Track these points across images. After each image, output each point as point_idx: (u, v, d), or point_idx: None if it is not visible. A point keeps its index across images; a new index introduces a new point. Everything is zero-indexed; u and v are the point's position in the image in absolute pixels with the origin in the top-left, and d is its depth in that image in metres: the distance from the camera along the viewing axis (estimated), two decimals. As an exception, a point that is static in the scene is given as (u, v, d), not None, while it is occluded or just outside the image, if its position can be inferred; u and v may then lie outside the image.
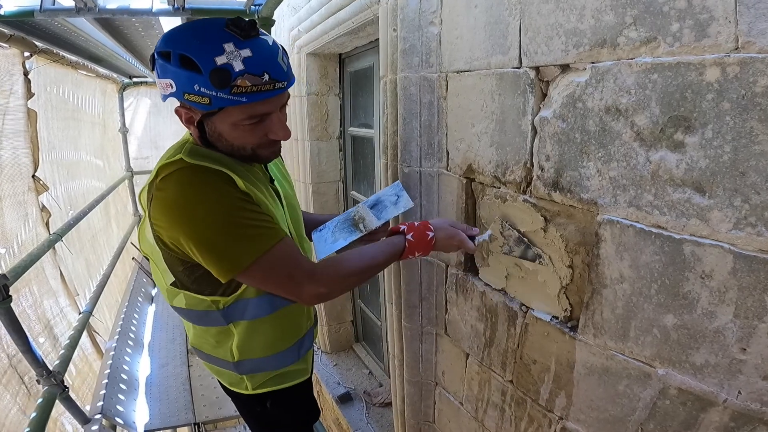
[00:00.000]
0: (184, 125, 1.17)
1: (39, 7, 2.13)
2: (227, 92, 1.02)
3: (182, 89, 1.04)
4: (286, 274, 1.13)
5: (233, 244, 1.08)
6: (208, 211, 1.07)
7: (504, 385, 1.58)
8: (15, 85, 3.01)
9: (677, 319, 0.97)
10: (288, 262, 1.14)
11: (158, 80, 1.10)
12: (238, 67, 1.01)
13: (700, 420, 0.97)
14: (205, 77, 1.01)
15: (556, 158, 1.20)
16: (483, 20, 1.38)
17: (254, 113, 1.10)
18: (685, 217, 0.92)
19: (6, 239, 2.82)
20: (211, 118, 1.11)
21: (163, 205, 1.09)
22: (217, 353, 1.38)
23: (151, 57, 1.11)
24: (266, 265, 1.11)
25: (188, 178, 1.09)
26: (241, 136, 1.13)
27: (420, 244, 1.32)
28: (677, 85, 0.89)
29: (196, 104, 1.06)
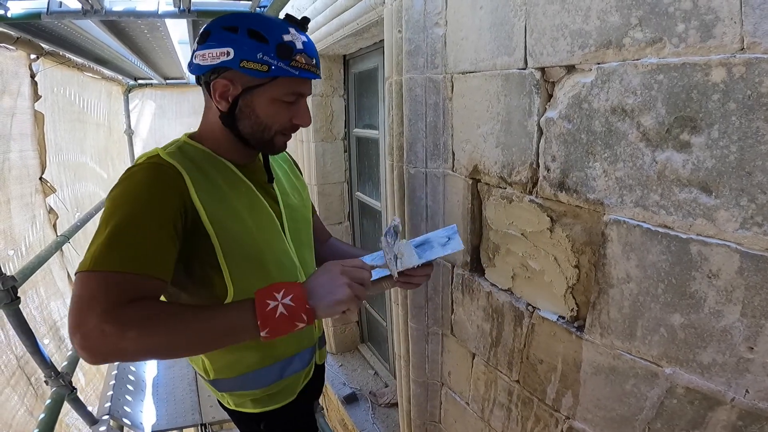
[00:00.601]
0: (215, 100, 1.15)
1: (46, 9, 2.14)
2: (287, 63, 1.10)
3: (242, 56, 1.09)
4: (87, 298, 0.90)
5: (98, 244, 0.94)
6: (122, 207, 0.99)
7: (510, 385, 1.58)
8: (22, 87, 3.03)
9: (684, 319, 0.97)
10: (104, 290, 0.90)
11: (207, 50, 1.12)
12: (299, 46, 1.12)
13: (708, 419, 0.97)
14: (271, 48, 1.09)
15: (562, 159, 1.20)
16: (488, 21, 1.39)
17: (297, 90, 1.17)
18: (691, 217, 0.92)
19: (14, 241, 2.84)
20: (253, 92, 1.14)
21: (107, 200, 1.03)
22: (197, 366, 1.36)
23: (204, 30, 1.15)
24: (85, 280, 0.92)
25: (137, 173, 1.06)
26: (274, 113, 1.17)
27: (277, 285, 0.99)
28: (683, 85, 0.90)
29: (251, 71, 1.10)
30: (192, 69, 1.19)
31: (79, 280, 0.93)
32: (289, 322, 0.95)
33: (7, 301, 1.98)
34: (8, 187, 2.82)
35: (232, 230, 1.15)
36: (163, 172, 1.07)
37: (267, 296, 0.96)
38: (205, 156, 1.20)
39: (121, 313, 0.88)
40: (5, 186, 2.79)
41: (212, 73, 1.14)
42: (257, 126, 1.18)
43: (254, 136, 1.20)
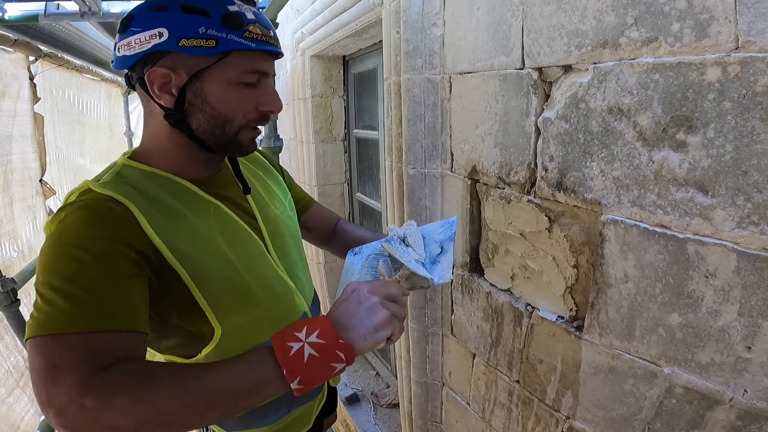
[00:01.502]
0: (154, 95, 0.94)
1: (43, 11, 2.15)
2: (239, 35, 0.92)
3: (179, 34, 0.89)
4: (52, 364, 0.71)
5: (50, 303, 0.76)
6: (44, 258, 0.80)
7: (511, 385, 1.58)
8: (22, 89, 3.04)
9: (682, 318, 0.97)
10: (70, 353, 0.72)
11: (132, 38, 0.92)
12: (249, 16, 0.94)
13: (707, 419, 0.97)
14: (215, 20, 0.90)
15: (560, 159, 1.20)
16: (486, 22, 1.39)
17: (257, 67, 0.96)
18: (688, 217, 0.92)
19: (18, 243, 2.85)
20: (203, 76, 0.93)
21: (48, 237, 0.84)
22: None
23: (126, 17, 0.95)
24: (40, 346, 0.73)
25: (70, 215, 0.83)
26: (235, 100, 0.96)
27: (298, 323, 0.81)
28: (679, 85, 0.90)
29: (194, 50, 0.90)
30: (117, 64, 0.97)
31: (37, 348, 0.73)
32: (324, 364, 0.76)
33: (6, 303, 1.99)
34: (11, 189, 2.83)
35: (204, 263, 0.93)
36: (101, 211, 0.84)
37: (286, 338, 0.78)
38: (153, 178, 0.97)
39: (102, 380, 0.70)
40: (8, 188, 2.80)
41: (145, 64, 0.93)
42: (215, 120, 0.96)
43: (213, 134, 0.97)
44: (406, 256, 1.06)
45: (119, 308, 0.78)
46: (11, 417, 2.37)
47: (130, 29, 0.92)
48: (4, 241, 2.65)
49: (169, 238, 0.89)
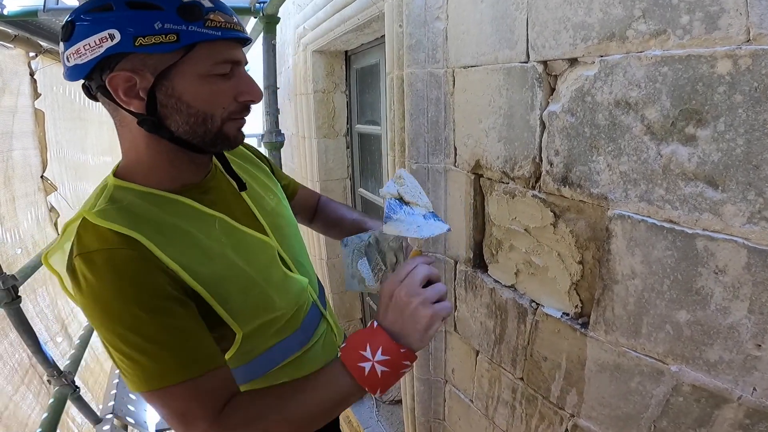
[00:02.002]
0: (121, 101, 0.89)
1: (42, 6, 2.14)
2: (200, 25, 0.85)
3: (133, 34, 0.82)
4: (180, 412, 0.85)
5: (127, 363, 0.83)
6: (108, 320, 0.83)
7: (514, 383, 1.57)
8: (22, 85, 3.04)
9: (690, 315, 0.95)
10: (189, 400, 0.85)
11: (78, 44, 0.84)
12: (207, 4, 0.87)
13: (714, 417, 0.96)
14: (170, 12, 0.83)
15: (565, 153, 1.18)
16: (489, 15, 1.37)
17: (227, 57, 0.91)
18: (697, 212, 0.90)
19: (21, 239, 2.84)
20: (171, 75, 0.87)
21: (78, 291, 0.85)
22: None
23: (66, 23, 0.87)
24: (150, 398, 0.85)
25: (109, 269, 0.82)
26: (210, 95, 0.90)
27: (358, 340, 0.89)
28: (688, 78, 0.88)
29: (154, 47, 0.83)
30: (69, 75, 0.90)
31: (155, 399, 0.84)
32: (395, 374, 0.87)
33: (7, 300, 1.99)
34: (13, 185, 2.83)
35: (222, 281, 0.94)
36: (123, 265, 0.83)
37: (355, 358, 0.86)
38: (149, 199, 0.94)
39: (227, 424, 0.84)
40: (10, 184, 2.80)
41: (102, 71, 0.86)
42: (193, 118, 0.91)
43: (195, 134, 0.92)
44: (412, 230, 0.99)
45: (202, 350, 0.87)
46: (19, 414, 2.37)
47: (74, 36, 0.85)
48: (6, 237, 2.64)
49: (184, 263, 0.89)
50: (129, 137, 0.95)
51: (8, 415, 2.26)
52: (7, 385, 2.31)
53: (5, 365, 2.32)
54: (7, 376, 2.32)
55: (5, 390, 2.29)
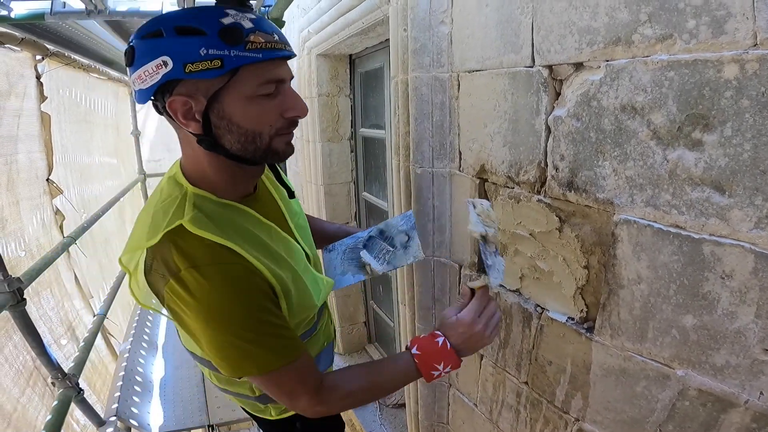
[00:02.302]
0: (181, 123, 0.97)
1: (49, 9, 2.15)
2: (241, 48, 0.89)
3: (183, 60, 0.88)
4: (287, 390, 1.07)
5: (237, 357, 1.00)
6: (227, 323, 0.96)
7: (519, 387, 1.57)
8: (28, 88, 3.05)
9: (697, 320, 0.95)
10: (294, 380, 1.06)
11: (141, 70, 0.92)
12: (247, 25, 0.91)
13: (721, 421, 0.96)
14: (212, 37, 0.88)
15: (571, 158, 1.19)
16: (494, 19, 1.37)
17: (271, 77, 0.95)
18: (704, 217, 0.90)
19: (25, 242, 2.85)
20: (221, 97, 0.93)
21: (180, 297, 0.95)
22: (236, 389, 1.33)
23: (127, 50, 0.95)
24: (266, 381, 1.06)
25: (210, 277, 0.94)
26: (257, 114, 0.97)
27: (430, 353, 1.16)
28: (694, 82, 0.88)
29: (203, 74, 0.89)
30: (138, 98, 0.98)
31: (268, 381, 1.06)
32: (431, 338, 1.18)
33: (13, 303, 1.99)
34: (17, 188, 2.84)
35: (286, 280, 1.07)
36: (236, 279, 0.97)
37: (430, 368, 1.16)
38: (226, 209, 1.05)
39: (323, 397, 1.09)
40: (14, 187, 2.81)
41: (163, 94, 0.94)
42: (244, 137, 0.98)
43: (247, 151, 1.00)
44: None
45: (295, 338, 1.07)
46: (27, 416, 2.38)
47: (136, 61, 0.92)
48: (10, 240, 2.65)
49: (265, 265, 1.01)
50: (192, 153, 1.04)
51: (17, 417, 2.27)
52: (13, 387, 2.32)
53: (11, 367, 2.33)
54: (12, 378, 2.33)
55: (12, 392, 2.30)
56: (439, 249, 1.82)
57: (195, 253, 0.94)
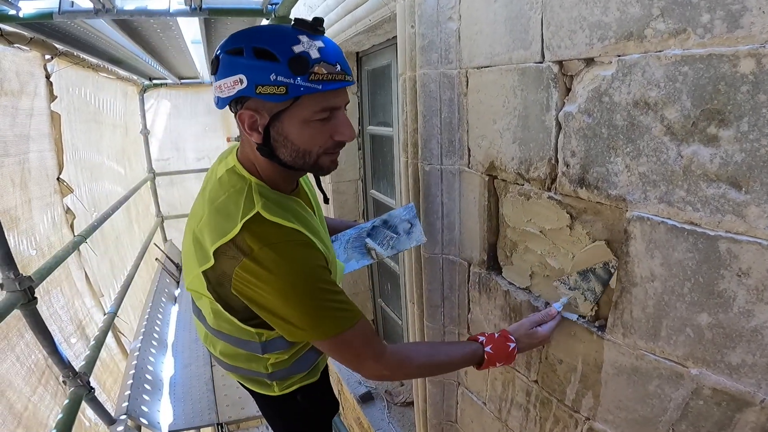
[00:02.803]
0: (245, 132, 1.12)
1: (58, 8, 2.15)
2: (305, 79, 1.01)
3: (255, 81, 1.02)
4: (354, 353, 1.20)
5: (311, 322, 1.12)
6: (300, 292, 1.09)
7: (528, 385, 1.56)
8: (38, 87, 3.06)
9: (712, 318, 0.94)
10: (359, 343, 1.19)
11: (222, 81, 1.07)
12: (314, 55, 1.02)
13: (736, 420, 0.95)
14: (283, 65, 1.00)
15: (582, 154, 1.17)
16: (503, 15, 1.36)
17: (327, 105, 1.08)
18: (720, 213, 0.89)
19: (36, 241, 2.86)
20: (281, 117, 1.07)
21: (258, 278, 1.07)
22: (250, 367, 1.41)
23: (213, 59, 1.11)
24: (336, 344, 1.17)
25: (290, 252, 1.09)
26: (310, 136, 1.10)
27: (500, 355, 1.30)
28: (709, 77, 0.87)
29: (270, 96, 1.03)
30: (217, 104, 1.14)
31: (337, 344, 1.17)
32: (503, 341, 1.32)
33: (24, 302, 1.99)
34: (29, 187, 2.85)
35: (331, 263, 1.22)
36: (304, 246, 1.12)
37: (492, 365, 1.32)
38: (283, 198, 1.20)
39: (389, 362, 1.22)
40: (26, 186, 2.82)
41: (236, 104, 1.09)
42: (296, 153, 1.13)
43: (297, 163, 1.15)
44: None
45: (353, 304, 1.18)
46: (39, 415, 2.39)
47: (219, 71, 1.07)
48: (21, 239, 2.66)
49: (319, 241, 1.16)
50: (252, 155, 1.18)
51: (28, 416, 2.27)
52: (25, 386, 2.32)
53: (22, 366, 2.34)
54: (24, 377, 2.34)
55: (23, 391, 2.31)
56: (448, 246, 1.81)
57: (268, 234, 1.08)
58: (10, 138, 2.64)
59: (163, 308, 4.55)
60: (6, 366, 2.21)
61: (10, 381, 2.21)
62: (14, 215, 2.57)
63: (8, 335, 2.27)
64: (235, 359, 1.41)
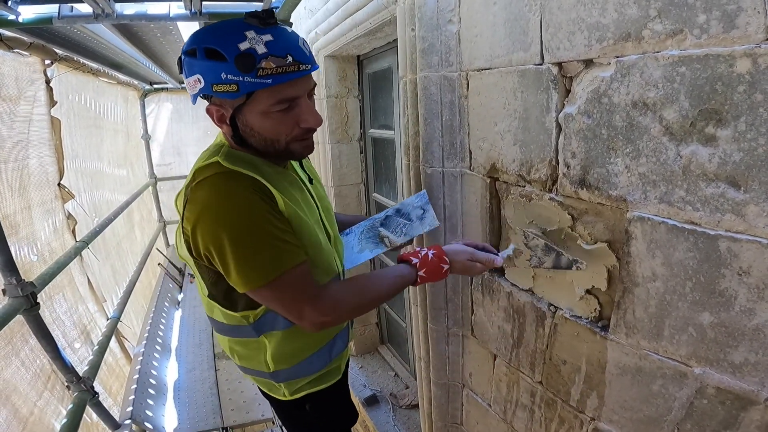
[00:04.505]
0: (217, 124, 1.17)
1: (57, 14, 2.16)
2: (253, 75, 1.03)
3: (210, 81, 1.06)
4: (292, 298, 1.15)
5: (253, 258, 1.09)
6: (237, 218, 1.07)
7: (533, 386, 1.56)
8: (38, 93, 3.06)
9: (714, 317, 0.94)
10: (298, 287, 1.14)
11: (187, 81, 1.12)
12: (261, 50, 1.03)
13: (740, 419, 0.95)
14: (230, 64, 1.03)
15: (582, 155, 1.18)
16: (502, 17, 1.37)
17: (282, 97, 1.10)
18: (719, 213, 0.89)
19: (38, 247, 2.87)
20: (242, 110, 1.11)
21: (194, 206, 1.10)
22: (252, 365, 1.40)
23: (178, 60, 1.14)
24: (278, 287, 1.12)
25: (222, 183, 1.10)
26: (273, 126, 1.13)
27: (433, 276, 1.31)
28: (706, 77, 0.87)
29: (224, 94, 1.07)
30: (192, 100, 1.18)
31: (271, 289, 1.12)
32: (438, 263, 1.30)
33: (26, 307, 2.00)
34: (29, 193, 2.85)
35: (298, 218, 1.19)
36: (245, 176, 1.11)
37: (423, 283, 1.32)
38: (255, 160, 1.20)
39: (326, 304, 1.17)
40: (26, 192, 2.82)
41: (204, 99, 1.15)
42: (264, 142, 1.17)
43: (268, 150, 1.19)
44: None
45: (296, 248, 1.14)
46: (44, 420, 2.39)
47: (184, 73, 1.12)
48: (22, 245, 2.67)
49: (283, 200, 1.14)
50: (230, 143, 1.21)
51: (34, 420, 2.28)
52: (30, 390, 2.33)
53: (27, 371, 2.35)
54: (29, 382, 2.34)
55: (29, 396, 2.31)
56: (450, 248, 1.82)
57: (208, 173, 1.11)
58: (8, 144, 2.64)
59: (167, 313, 4.56)
60: (11, 371, 2.21)
61: (15, 386, 2.21)
62: (14, 221, 2.58)
63: (12, 340, 2.27)
64: (240, 357, 1.41)
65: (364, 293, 1.26)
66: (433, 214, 1.58)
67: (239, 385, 3.52)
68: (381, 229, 1.57)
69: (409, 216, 1.60)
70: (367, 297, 1.27)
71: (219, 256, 1.09)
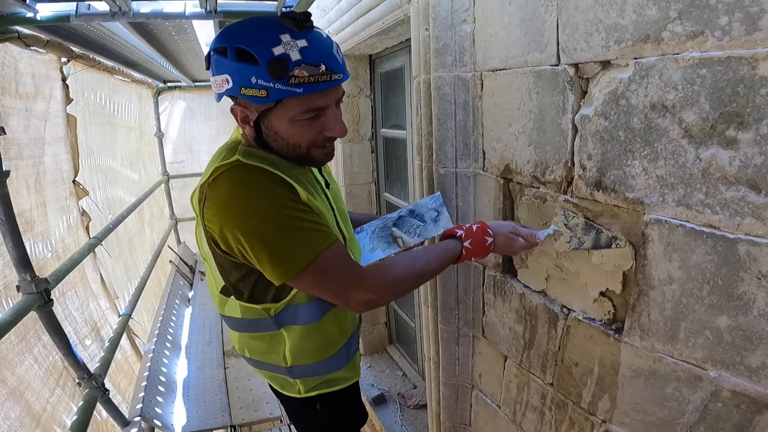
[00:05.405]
0: (240, 125, 1.17)
1: (75, 11, 2.17)
2: (285, 83, 1.01)
3: (239, 83, 1.04)
4: (335, 279, 1.12)
5: (287, 246, 1.07)
6: (262, 209, 1.06)
7: (544, 388, 1.56)
8: (54, 90, 3.08)
9: (731, 321, 0.94)
10: (339, 266, 1.12)
11: (213, 78, 1.10)
12: (295, 57, 1.01)
13: (755, 422, 0.94)
14: (262, 68, 1.00)
15: (599, 157, 1.17)
16: (518, 17, 1.37)
17: (311, 106, 1.09)
18: (739, 216, 0.88)
19: (52, 243, 2.89)
20: (268, 114, 1.10)
21: (216, 204, 1.09)
22: (269, 359, 1.39)
23: (206, 56, 1.12)
24: (318, 269, 1.09)
25: (241, 177, 1.08)
26: (298, 133, 1.12)
27: (478, 250, 1.30)
28: (728, 80, 0.86)
29: (253, 98, 1.05)
30: (216, 97, 1.17)
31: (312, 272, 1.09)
32: (481, 234, 1.29)
33: (40, 303, 2.01)
34: (44, 190, 2.87)
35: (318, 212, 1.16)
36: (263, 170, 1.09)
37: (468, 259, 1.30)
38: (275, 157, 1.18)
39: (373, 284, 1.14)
40: (41, 189, 2.84)
41: (229, 98, 1.12)
42: (286, 147, 1.15)
43: (289, 155, 1.17)
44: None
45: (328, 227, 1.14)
46: (56, 417, 2.41)
47: (211, 69, 1.10)
48: (37, 241, 2.69)
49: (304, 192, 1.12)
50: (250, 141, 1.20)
51: (46, 417, 2.29)
52: (43, 387, 2.34)
53: (40, 367, 2.36)
54: (42, 378, 2.36)
55: (42, 392, 2.33)
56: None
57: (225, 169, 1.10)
58: (25, 141, 2.66)
59: (177, 310, 4.58)
60: (24, 367, 2.23)
61: (29, 383, 2.23)
62: (29, 218, 2.60)
63: (26, 337, 2.29)
64: (256, 352, 1.40)
65: (409, 269, 1.22)
66: (447, 216, 1.57)
67: (248, 383, 3.53)
68: (394, 230, 1.56)
69: (422, 217, 1.59)
70: (412, 272, 1.22)
71: (252, 250, 1.08)
